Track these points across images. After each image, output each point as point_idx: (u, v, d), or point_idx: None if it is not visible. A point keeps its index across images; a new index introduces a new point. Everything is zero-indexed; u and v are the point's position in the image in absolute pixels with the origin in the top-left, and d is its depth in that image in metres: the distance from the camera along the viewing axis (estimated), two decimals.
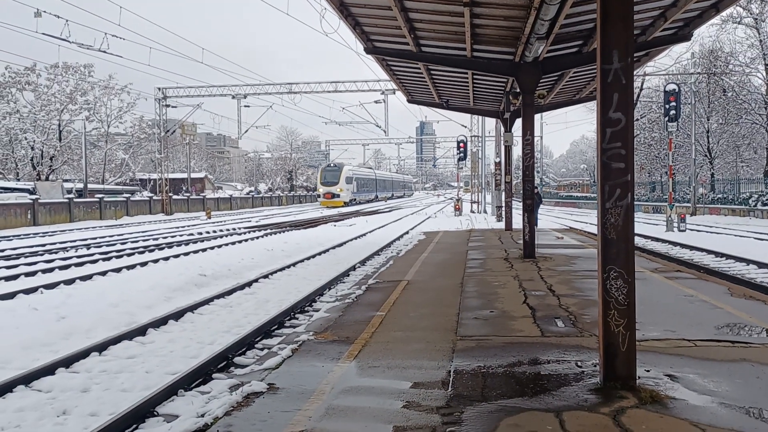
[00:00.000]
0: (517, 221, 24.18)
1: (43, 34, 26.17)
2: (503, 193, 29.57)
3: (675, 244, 20.84)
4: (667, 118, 26.80)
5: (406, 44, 13.34)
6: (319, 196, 67.41)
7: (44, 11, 26.38)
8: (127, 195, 49.59)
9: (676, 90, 26.88)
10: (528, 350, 6.29)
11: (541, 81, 13.99)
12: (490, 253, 15.30)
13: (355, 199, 69.70)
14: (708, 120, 47.90)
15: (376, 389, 5.27)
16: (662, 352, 6.11)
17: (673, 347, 6.31)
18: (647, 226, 30.07)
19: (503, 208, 28.83)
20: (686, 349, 6.25)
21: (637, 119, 57.41)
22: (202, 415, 4.90)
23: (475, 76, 17.16)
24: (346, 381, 5.51)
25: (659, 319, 7.48)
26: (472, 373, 5.61)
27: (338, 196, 64.38)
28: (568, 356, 6.06)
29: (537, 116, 14.04)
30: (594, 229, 27.07)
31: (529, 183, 13.62)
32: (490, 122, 48.03)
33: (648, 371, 5.47)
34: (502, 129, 26.03)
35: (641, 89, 54.13)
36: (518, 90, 14.14)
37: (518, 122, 22.45)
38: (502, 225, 27.81)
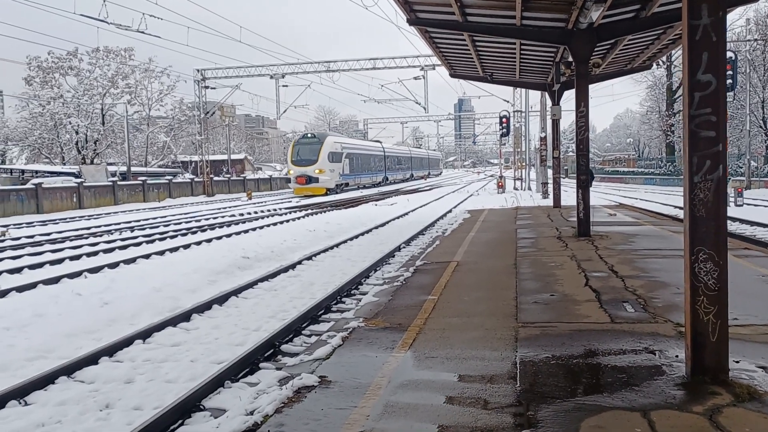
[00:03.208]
0: (566, 198, 23.48)
1: (81, 15, 26.13)
2: (549, 169, 28.73)
3: (734, 219, 19.84)
4: None
5: (452, 14, 12.72)
6: (289, 180, 47.95)
7: None
8: (170, 177, 50.00)
9: (733, 58, 25.60)
10: (599, 338, 5.77)
11: (594, 50, 13.20)
12: (540, 232, 14.69)
13: (347, 183, 50.87)
14: (764, 89, 45.82)
15: (436, 383, 4.85)
16: (749, 340, 5.55)
17: (760, 334, 5.74)
18: None
19: (549, 185, 28.06)
20: None
21: None
22: (251, 413, 4.55)
23: (522, 47, 16.40)
24: (403, 374, 5.10)
25: (738, 302, 6.80)
26: (540, 365, 5.14)
27: (316, 180, 45.00)
28: (644, 345, 5.54)
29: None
30: (646, 206, 26.28)
31: (583, 157, 12.92)
32: (533, 97, 46.85)
33: (737, 362, 4.92)
34: (548, 102, 25.18)
35: None
36: (570, 59, 13.39)
37: (566, 95, 21.66)
38: (548, 202, 27.08)
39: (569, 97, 22.08)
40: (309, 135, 49.10)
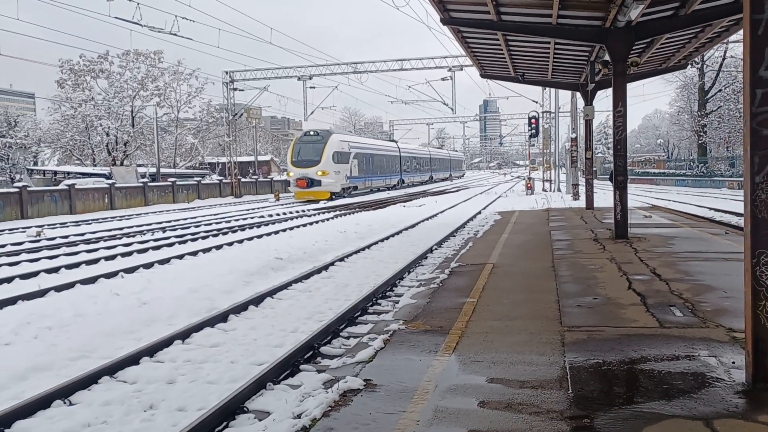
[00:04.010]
0: (596, 200, 23.15)
1: (116, 18, 26.51)
2: (579, 170, 28.41)
3: None
4: None
5: (486, 13, 12.59)
6: (289, 183, 43.68)
7: None
8: (198, 178, 50.44)
9: None
10: (649, 343, 5.61)
11: (632, 48, 12.97)
12: (575, 234, 14.46)
13: (355, 187, 45.85)
14: None
15: (484, 388, 4.74)
16: None
17: None
18: (734, 202, 28.37)
19: (581, 186, 27.72)
20: None
21: (719, 90, 54.52)
22: (299, 416, 4.47)
23: (556, 46, 16.18)
24: (449, 378, 5.00)
25: None
26: (591, 371, 5.00)
27: (319, 183, 40.45)
28: (697, 351, 5.36)
29: (609, 90, 13.07)
30: (681, 207, 25.80)
31: (621, 158, 12.69)
32: (563, 97, 46.35)
33: None
34: (580, 102, 24.87)
35: (723, 58, 51.33)
36: (607, 58, 13.18)
37: (600, 95, 21.38)
38: (579, 203, 26.77)
39: (600, 98, 21.80)
40: (311, 132, 43.60)
